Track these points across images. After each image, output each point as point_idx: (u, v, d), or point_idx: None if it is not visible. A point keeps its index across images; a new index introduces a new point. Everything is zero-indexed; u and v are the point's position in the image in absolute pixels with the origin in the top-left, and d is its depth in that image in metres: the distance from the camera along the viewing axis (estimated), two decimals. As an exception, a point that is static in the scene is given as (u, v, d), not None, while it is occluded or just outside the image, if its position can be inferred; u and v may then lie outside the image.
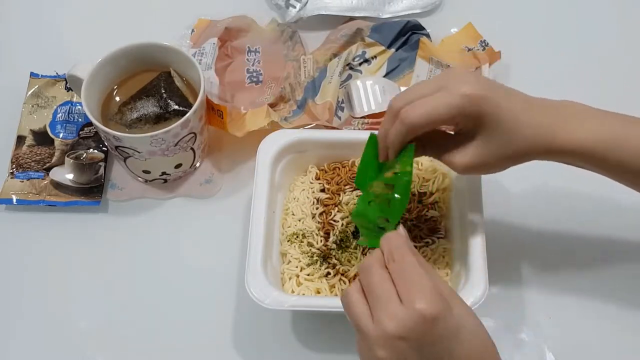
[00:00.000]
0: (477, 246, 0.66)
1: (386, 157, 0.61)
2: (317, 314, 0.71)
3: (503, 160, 0.59)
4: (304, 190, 0.74)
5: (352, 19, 0.90)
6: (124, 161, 0.75)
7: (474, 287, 0.63)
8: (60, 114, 0.83)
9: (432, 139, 0.60)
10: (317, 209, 0.72)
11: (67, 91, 0.84)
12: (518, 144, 0.57)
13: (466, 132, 0.58)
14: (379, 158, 0.62)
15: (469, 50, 0.86)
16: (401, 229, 0.55)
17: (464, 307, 0.51)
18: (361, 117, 0.82)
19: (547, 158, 0.60)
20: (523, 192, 0.78)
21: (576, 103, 0.60)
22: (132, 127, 0.74)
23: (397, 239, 0.53)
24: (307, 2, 0.90)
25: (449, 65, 0.84)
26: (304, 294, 0.67)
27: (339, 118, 0.82)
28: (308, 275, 0.68)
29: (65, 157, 0.79)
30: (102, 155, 0.80)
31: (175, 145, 0.73)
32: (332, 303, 0.65)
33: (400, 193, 0.59)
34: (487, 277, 0.64)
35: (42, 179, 0.78)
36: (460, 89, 0.55)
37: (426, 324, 0.48)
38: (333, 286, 0.68)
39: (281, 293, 0.65)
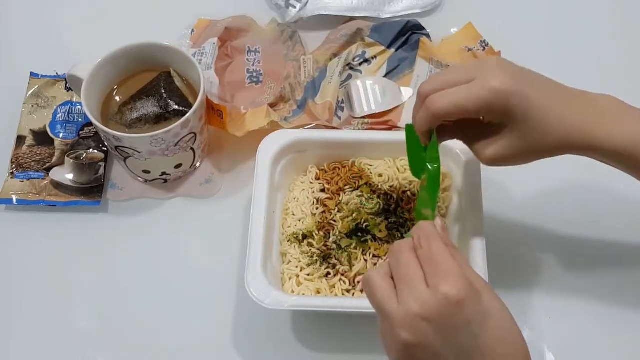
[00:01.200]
0: (477, 246, 0.66)
1: (425, 142, 0.60)
2: (317, 314, 0.71)
3: (531, 154, 0.58)
4: (304, 190, 0.74)
5: (352, 19, 0.90)
6: (124, 161, 0.75)
7: None
8: (60, 114, 0.83)
9: (461, 125, 0.59)
10: (317, 209, 0.72)
11: (67, 91, 0.84)
12: (549, 140, 0.56)
13: (496, 124, 0.57)
14: (421, 143, 0.61)
15: (469, 50, 0.86)
16: (438, 220, 0.55)
17: (493, 296, 0.50)
18: (361, 117, 0.82)
19: (579, 154, 0.58)
20: (523, 192, 0.78)
21: (612, 98, 0.58)
22: (132, 127, 0.74)
23: (428, 227, 0.53)
24: (307, 2, 0.90)
25: (449, 65, 0.84)
26: (304, 294, 0.67)
27: (339, 118, 0.82)
28: (308, 275, 0.68)
29: (65, 157, 0.79)
30: (102, 155, 0.80)
31: (175, 145, 0.73)
32: (332, 303, 0.65)
33: (429, 184, 0.59)
34: (487, 277, 0.64)
35: (42, 179, 0.78)
36: (490, 83, 0.54)
37: (450, 307, 0.47)
38: (333, 286, 0.68)
39: (281, 293, 0.65)
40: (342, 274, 0.68)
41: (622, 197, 0.76)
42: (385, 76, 0.85)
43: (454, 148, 0.71)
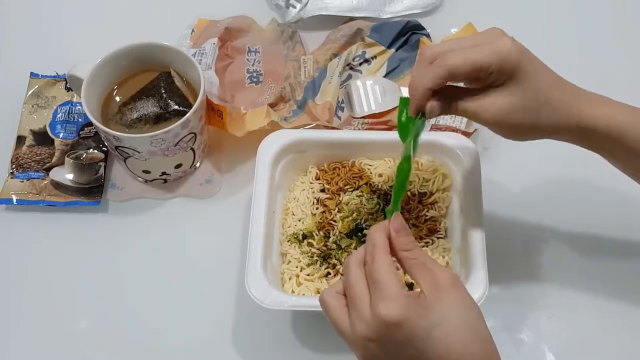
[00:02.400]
0: (477, 246, 0.66)
1: (415, 111, 0.59)
2: (317, 314, 0.71)
3: (530, 124, 0.58)
4: (304, 190, 0.74)
5: (352, 19, 0.90)
6: (124, 161, 0.75)
7: (474, 287, 0.63)
8: (60, 114, 0.83)
9: (454, 92, 0.58)
10: (317, 209, 0.72)
11: (67, 91, 0.84)
12: (548, 110, 0.57)
13: (500, 83, 0.57)
14: (409, 112, 0.59)
15: (469, 50, 0.86)
16: (395, 218, 0.54)
17: (449, 304, 0.50)
18: (361, 117, 0.82)
19: (570, 138, 0.60)
20: (523, 191, 0.78)
21: (600, 95, 0.61)
22: (132, 127, 0.74)
23: (374, 236, 0.53)
24: (307, 3, 0.90)
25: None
26: (304, 294, 0.67)
27: (339, 118, 0.82)
28: (308, 275, 0.68)
29: (65, 157, 0.79)
30: (102, 155, 0.80)
31: (175, 145, 0.73)
32: None
33: (397, 181, 0.58)
34: (487, 277, 0.64)
35: (42, 179, 0.78)
36: (501, 41, 0.56)
37: (389, 329, 0.49)
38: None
39: (281, 293, 0.65)
40: (342, 274, 0.68)
41: (622, 197, 0.76)
42: (385, 76, 0.85)
43: (454, 148, 0.72)
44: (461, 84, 0.59)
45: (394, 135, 0.76)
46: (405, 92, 0.84)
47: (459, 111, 0.58)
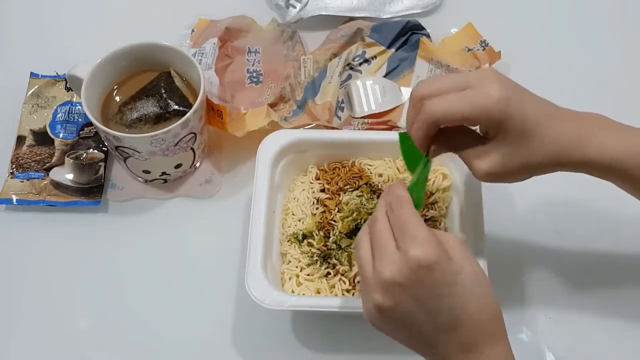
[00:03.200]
0: (477, 245, 0.66)
1: (422, 150, 0.58)
2: (316, 314, 0.71)
3: (525, 169, 0.57)
4: (304, 190, 0.74)
5: (352, 19, 0.90)
6: (124, 161, 0.75)
7: None
8: (60, 114, 0.83)
9: (457, 135, 0.58)
10: (317, 209, 0.72)
11: (67, 91, 0.84)
12: (542, 154, 0.56)
13: (491, 136, 0.56)
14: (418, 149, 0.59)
15: (469, 50, 0.86)
16: (398, 182, 0.55)
17: (462, 255, 0.51)
18: (361, 117, 0.82)
19: (573, 170, 0.58)
20: (524, 191, 0.78)
21: (600, 115, 0.59)
22: (132, 127, 0.74)
23: (396, 190, 0.54)
24: (307, 3, 0.90)
25: (449, 66, 0.84)
26: (304, 294, 0.67)
27: (339, 118, 0.82)
28: (308, 275, 0.68)
29: (65, 157, 0.79)
30: (102, 155, 0.80)
31: (175, 145, 0.73)
32: (332, 303, 0.65)
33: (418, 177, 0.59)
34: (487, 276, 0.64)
35: (42, 179, 0.78)
36: (489, 90, 0.54)
37: (421, 271, 0.49)
38: (333, 286, 0.68)
39: (281, 293, 0.65)
40: (342, 274, 0.68)
41: (623, 196, 0.76)
42: (385, 76, 0.85)
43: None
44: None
45: (394, 135, 0.76)
46: (405, 92, 0.84)
47: (461, 157, 0.58)
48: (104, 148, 0.80)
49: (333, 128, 0.80)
